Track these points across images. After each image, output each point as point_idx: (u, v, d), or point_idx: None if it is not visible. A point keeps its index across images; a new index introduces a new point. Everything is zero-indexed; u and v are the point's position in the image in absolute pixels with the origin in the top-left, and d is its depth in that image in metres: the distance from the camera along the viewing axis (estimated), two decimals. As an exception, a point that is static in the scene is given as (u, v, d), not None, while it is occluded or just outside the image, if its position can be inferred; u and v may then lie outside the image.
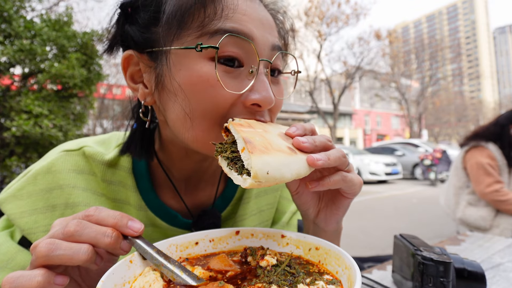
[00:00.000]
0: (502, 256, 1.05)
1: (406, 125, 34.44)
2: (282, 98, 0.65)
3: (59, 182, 0.65)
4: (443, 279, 0.64)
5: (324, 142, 0.53)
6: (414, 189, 11.11)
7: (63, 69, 4.82)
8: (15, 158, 4.78)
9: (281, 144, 0.49)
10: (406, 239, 0.78)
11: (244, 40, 0.54)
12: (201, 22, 0.54)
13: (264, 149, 0.44)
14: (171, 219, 0.73)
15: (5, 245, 0.62)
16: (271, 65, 0.60)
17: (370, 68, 23.98)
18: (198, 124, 0.56)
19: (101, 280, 0.40)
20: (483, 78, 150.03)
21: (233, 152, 0.49)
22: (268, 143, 0.46)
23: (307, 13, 20.90)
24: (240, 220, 0.80)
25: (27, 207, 0.63)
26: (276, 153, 0.45)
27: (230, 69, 0.55)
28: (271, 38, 0.60)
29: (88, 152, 0.68)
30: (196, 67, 0.54)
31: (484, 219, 2.54)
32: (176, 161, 0.71)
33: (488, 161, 2.52)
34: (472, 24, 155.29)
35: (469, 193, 2.71)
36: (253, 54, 0.56)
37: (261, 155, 0.42)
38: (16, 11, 4.94)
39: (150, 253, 0.46)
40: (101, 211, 0.45)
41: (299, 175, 0.47)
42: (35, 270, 0.40)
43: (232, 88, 0.54)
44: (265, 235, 0.60)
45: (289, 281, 0.44)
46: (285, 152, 0.46)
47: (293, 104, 34.13)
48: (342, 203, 0.61)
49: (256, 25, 0.57)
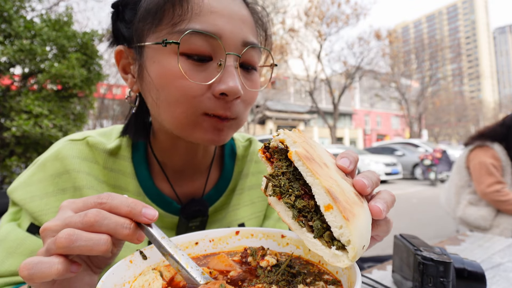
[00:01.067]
0: (502, 256, 1.05)
1: (406, 125, 34.47)
2: (255, 90, 0.69)
3: (66, 167, 0.69)
4: (443, 279, 0.64)
5: (377, 183, 0.46)
6: (414, 189, 11.11)
7: (63, 69, 4.82)
8: (15, 158, 4.78)
9: (349, 190, 0.39)
10: (406, 239, 0.78)
11: (210, 36, 0.59)
12: (171, 19, 0.60)
13: (350, 208, 0.35)
14: (166, 205, 0.76)
15: (14, 232, 0.65)
16: (243, 60, 0.64)
17: (370, 68, 24.00)
18: (169, 111, 0.63)
19: (101, 280, 0.40)
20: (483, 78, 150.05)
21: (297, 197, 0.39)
22: (344, 193, 0.37)
23: (307, 13, 20.91)
24: (233, 210, 0.84)
25: (38, 192, 0.67)
26: (358, 210, 0.36)
27: (197, 63, 0.60)
28: (242, 33, 0.63)
29: (92, 141, 0.73)
30: (166, 61, 0.60)
31: (484, 219, 2.54)
32: (166, 148, 0.76)
33: (492, 161, 2.52)
34: (472, 24, 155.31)
35: (470, 193, 2.71)
36: (221, 49, 0.60)
37: (355, 223, 0.34)
38: (16, 11, 4.94)
39: (158, 241, 0.45)
40: (114, 198, 0.45)
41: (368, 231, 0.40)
42: (54, 258, 0.40)
43: (199, 80, 0.60)
44: (265, 235, 0.60)
45: (289, 281, 0.44)
46: (360, 206, 0.38)
47: (293, 104, 34.15)
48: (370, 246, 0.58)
49: (225, 21, 0.60)
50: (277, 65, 0.73)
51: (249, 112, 0.74)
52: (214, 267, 0.50)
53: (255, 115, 24.55)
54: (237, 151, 0.90)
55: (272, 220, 0.89)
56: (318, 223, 0.37)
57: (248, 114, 0.74)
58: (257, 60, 0.69)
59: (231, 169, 0.87)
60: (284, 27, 20.36)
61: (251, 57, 0.66)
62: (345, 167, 0.45)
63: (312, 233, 0.38)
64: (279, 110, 30.84)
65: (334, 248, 0.36)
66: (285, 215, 0.40)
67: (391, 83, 29.95)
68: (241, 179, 0.87)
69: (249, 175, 0.89)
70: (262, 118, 28.70)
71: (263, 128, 30.57)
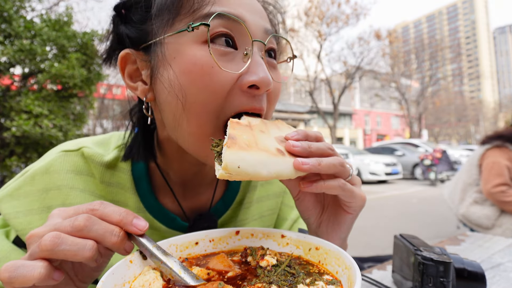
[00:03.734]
0: (502, 256, 1.05)
1: (406, 125, 34.44)
2: (280, 82, 0.64)
3: (57, 183, 0.64)
4: (443, 279, 0.64)
5: (323, 149, 0.51)
6: (414, 189, 11.11)
7: (63, 69, 4.82)
8: (15, 158, 4.78)
9: (270, 145, 0.48)
10: (406, 239, 0.78)
11: (235, 21, 0.54)
12: (191, 7, 0.54)
13: (245, 146, 0.45)
14: (170, 221, 0.72)
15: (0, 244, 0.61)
16: (266, 47, 0.59)
17: (370, 68, 23.97)
18: (194, 118, 0.55)
19: (101, 280, 0.40)
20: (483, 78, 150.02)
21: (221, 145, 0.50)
22: (255, 142, 0.47)
23: (307, 13, 20.90)
24: (241, 225, 0.80)
25: (22, 207, 0.62)
26: (257, 151, 0.46)
27: (224, 50, 0.54)
28: (262, 21, 0.59)
29: (87, 153, 0.66)
30: (190, 52, 0.53)
31: (488, 218, 2.55)
32: (174, 163, 0.70)
33: (507, 163, 2.51)
34: (472, 24, 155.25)
35: (477, 191, 2.71)
36: (246, 35, 0.55)
37: (237, 151, 0.44)
38: (16, 11, 4.94)
39: (150, 250, 0.46)
40: (106, 206, 0.44)
41: (280, 175, 0.47)
42: (37, 262, 0.39)
43: (229, 69, 0.53)
44: (265, 235, 0.60)
45: (289, 281, 0.44)
46: (269, 152, 0.47)
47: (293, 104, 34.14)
48: (344, 219, 0.59)
49: (247, 9, 0.56)
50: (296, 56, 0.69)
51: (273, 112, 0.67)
52: (213, 267, 0.50)
53: (255, 115, 24.49)
54: None
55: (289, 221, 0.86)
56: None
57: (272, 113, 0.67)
58: (278, 52, 0.66)
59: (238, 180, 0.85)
60: (284, 27, 20.33)
61: (274, 47, 0.62)
62: (288, 136, 0.51)
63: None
64: (279, 110, 30.84)
65: (219, 166, 0.47)
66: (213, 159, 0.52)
67: (391, 83, 29.93)
68: (249, 192, 0.82)
69: (258, 186, 0.83)
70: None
71: (263, 128, 30.50)
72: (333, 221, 0.61)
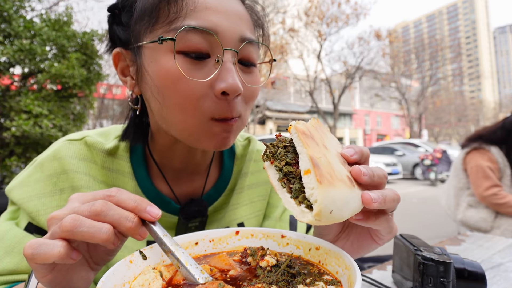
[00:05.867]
0: (502, 256, 1.05)
1: (406, 125, 34.45)
2: (255, 86, 0.67)
3: (64, 167, 0.69)
4: (443, 279, 0.64)
5: (381, 178, 0.47)
6: (414, 189, 11.11)
7: (63, 69, 4.82)
8: (15, 158, 4.77)
9: (342, 172, 0.42)
10: (406, 239, 0.78)
11: (206, 32, 0.57)
12: (167, 18, 0.58)
13: (330, 179, 0.38)
14: (165, 205, 0.76)
15: (12, 231, 0.65)
16: (242, 56, 0.63)
17: (370, 68, 23.96)
18: (175, 115, 0.61)
19: (101, 280, 0.40)
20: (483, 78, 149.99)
21: (287, 164, 0.42)
22: (332, 168, 0.40)
23: (307, 13, 20.89)
24: (232, 209, 0.84)
25: (35, 191, 0.68)
26: (340, 185, 0.39)
27: (195, 60, 0.58)
28: (239, 29, 0.61)
29: (90, 141, 0.73)
30: (163, 60, 0.58)
31: (485, 221, 2.54)
32: (165, 150, 0.75)
33: (488, 164, 2.51)
34: (472, 24, 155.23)
35: (469, 195, 2.71)
36: (218, 45, 0.59)
37: (328, 189, 0.37)
38: (16, 11, 4.93)
39: (160, 238, 0.47)
40: (122, 193, 0.47)
41: (354, 213, 0.42)
42: (58, 241, 0.42)
43: (197, 78, 0.58)
44: (265, 235, 0.60)
45: (289, 282, 0.44)
46: (346, 184, 0.40)
47: (293, 104, 34.15)
48: (368, 245, 0.57)
49: (221, 17, 0.59)
50: (276, 60, 0.72)
51: (250, 111, 0.72)
52: (214, 266, 0.50)
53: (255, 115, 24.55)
54: (236, 150, 0.89)
55: (272, 220, 0.88)
56: (297, 186, 0.41)
57: (250, 113, 0.72)
58: (256, 57, 0.68)
59: (230, 168, 0.87)
60: (284, 27, 20.35)
61: (250, 53, 0.65)
62: (347, 155, 0.47)
63: (291, 193, 0.41)
64: (279, 110, 30.84)
65: (303, 206, 0.39)
66: (273, 177, 0.44)
67: (391, 83, 29.93)
68: (240, 178, 0.87)
69: (249, 174, 0.88)
70: (262, 118, 28.69)
71: (263, 128, 30.57)
72: (356, 244, 0.59)
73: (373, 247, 0.58)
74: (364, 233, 0.57)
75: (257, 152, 0.91)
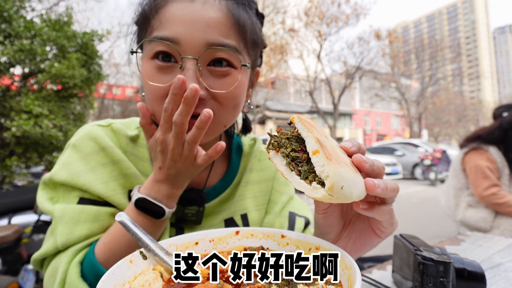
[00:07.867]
0: (502, 256, 1.05)
1: (406, 125, 34.43)
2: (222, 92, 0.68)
3: (101, 145, 0.77)
4: (443, 279, 0.64)
5: (380, 168, 0.48)
6: (414, 189, 11.12)
7: (63, 69, 4.82)
8: (15, 158, 4.77)
9: (346, 160, 0.43)
10: (406, 239, 0.78)
11: (168, 42, 0.65)
12: (147, 29, 0.69)
13: (337, 159, 0.39)
14: None
15: (69, 207, 0.71)
16: (211, 59, 0.67)
17: (370, 68, 23.94)
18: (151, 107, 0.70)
19: (101, 280, 0.40)
20: (483, 78, 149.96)
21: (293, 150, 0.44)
22: (336, 153, 0.41)
23: (307, 13, 20.87)
24: (237, 201, 0.89)
25: (81, 168, 0.75)
26: (346, 167, 0.40)
27: (162, 65, 0.67)
28: (205, 35, 0.65)
29: (115, 127, 0.82)
30: (144, 64, 0.70)
31: (484, 221, 2.54)
32: None
33: (487, 164, 2.51)
34: (472, 24, 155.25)
35: (469, 195, 2.71)
36: (183, 51, 0.65)
37: (337, 166, 0.37)
38: (16, 11, 4.93)
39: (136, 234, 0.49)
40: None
41: (359, 198, 0.42)
42: None
43: (161, 82, 0.66)
44: (265, 235, 0.60)
45: (289, 281, 0.44)
46: (351, 169, 0.41)
47: (293, 104, 34.14)
48: (371, 241, 0.58)
49: (184, 27, 0.64)
50: (247, 65, 0.71)
51: (236, 114, 0.76)
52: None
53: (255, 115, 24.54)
54: (243, 148, 0.96)
55: (272, 215, 0.91)
56: (306, 167, 0.41)
57: (235, 116, 0.76)
58: (232, 59, 0.68)
59: (237, 163, 0.94)
60: (284, 27, 20.34)
61: (220, 57, 0.67)
62: (347, 147, 0.50)
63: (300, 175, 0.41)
64: (279, 110, 30.82)
65: (314, 183, 0.39)
66: (280, 164, 0.44)
67: (391, 83, 29.92)
68: (246, 173, 0.93)
69: (253, 170, 0.94)
70: (262, 118, 28.67)
71: (263, 128, 30.56)
72: (358, 241, 0.59)
73: (375, 243, 0.58)
74: (365, 228, 0.58)
75: (261, 153, 0.97)
